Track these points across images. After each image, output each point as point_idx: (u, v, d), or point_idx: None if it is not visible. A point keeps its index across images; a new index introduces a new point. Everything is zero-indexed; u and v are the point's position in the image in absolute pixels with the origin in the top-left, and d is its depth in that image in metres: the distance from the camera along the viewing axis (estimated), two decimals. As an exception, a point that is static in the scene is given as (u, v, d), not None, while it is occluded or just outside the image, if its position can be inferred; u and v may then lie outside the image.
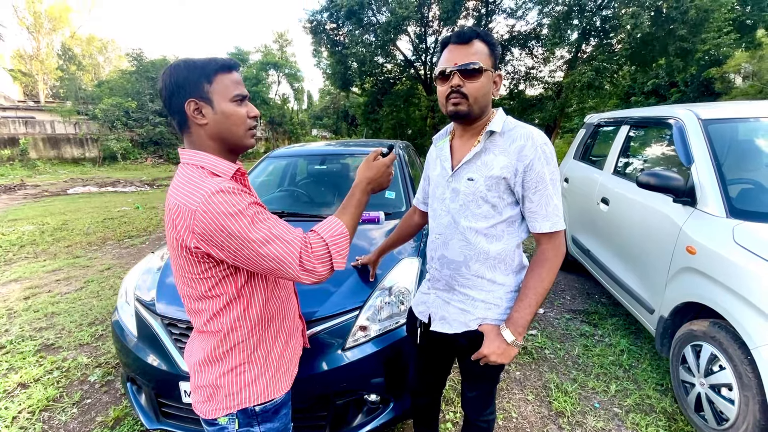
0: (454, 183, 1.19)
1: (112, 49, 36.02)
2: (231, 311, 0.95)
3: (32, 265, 4.58)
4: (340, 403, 1.62)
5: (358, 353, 1.60)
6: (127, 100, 19.71)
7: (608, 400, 2.14)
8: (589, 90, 12.88)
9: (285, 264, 0.85)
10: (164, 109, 0.93)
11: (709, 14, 11.41)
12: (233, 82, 0.93)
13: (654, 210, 2.34)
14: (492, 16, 15.99)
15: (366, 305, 1.69)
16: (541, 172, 1.07)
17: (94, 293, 3.74)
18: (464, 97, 1.08)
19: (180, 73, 0.89)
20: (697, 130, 2.20)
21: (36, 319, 3.22)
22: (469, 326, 1.20)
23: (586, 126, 4.09)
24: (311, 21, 16.49)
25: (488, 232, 1.15)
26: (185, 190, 0.85)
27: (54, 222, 6.85)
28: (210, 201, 0.81)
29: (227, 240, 0.83)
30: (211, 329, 0.96)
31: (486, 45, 1.09)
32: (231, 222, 0.82)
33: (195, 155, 0.92)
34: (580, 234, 3.56)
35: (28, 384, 2.37)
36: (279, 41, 31.15)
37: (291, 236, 0.87)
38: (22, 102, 27.54)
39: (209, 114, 0.90)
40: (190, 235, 0.83)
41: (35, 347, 2.78)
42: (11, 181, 13.36)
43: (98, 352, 2.72)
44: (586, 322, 3.00)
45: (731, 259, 1.70)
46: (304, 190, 3.22)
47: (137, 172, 17.00)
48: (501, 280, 1.18)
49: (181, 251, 0.88)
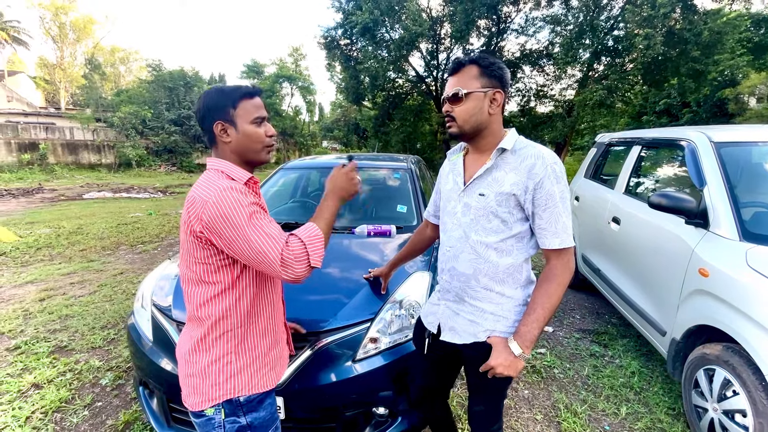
0: (466, 198, 1.24)
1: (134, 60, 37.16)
2: (224, 300, 1.04)
3: (48, 268, 4.68)
4: (349, 415, 1.63)
5: (368, 365, 1.61)
6: (144, 108, 20.23)
7: (618, 423, 2.11)
8: (601, 108, 12.89)
9: (268, 258, 0.95)
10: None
11: (723, 36, 11.43)
12: (254, 107, 1.08)
13: (666, 231, 2.34)
14: (503, 35, 16.19)
15: (377, 318, 1.71)
16: (551, 190, 1.11)
17: (107, 297, 3.81)
18: (453, 119, 1.19)
19: (211, 98, 1.06)
20: (710, 153, 2.21)
21: (50, 321, 3.28)
22: (478, 337, 1.23)
23: (597, 145, 4.11)
24: (326, 37, 16.88)
25: (498, 246, 1.19)
26: (204, 186, 1.01)
27: (69, 226, 7.00)
28: (221, 195, 0.96)
29: (225, 228, 0.95)
30: (203, 315, 1.05)
31: (478, 67, 1.16)
32: (232, 213, 0.95)
33: (218, 162, 1.09)
34: (590, 253, 3.54)
35: (41, 385, 2.42)
36: (294, 55, 31.85)
37: (278, 236, 0.98)
38: (43, 108, 28.43)
39: (233, 134, 1.06)
40: (198, 221, 0.97)
41: (49, 349, 2.83)
42: (30, 185, 13.72)
43: (110, 356, 2.76)
44: (596, 342, 2.97)
45: (744, 283, 1.69)
46: (315, 201, 3.27)
47: (151, 179, 17.33)
48: (509, 293, 1.21)
49: (189, 235, 1.01)
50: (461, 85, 1.16)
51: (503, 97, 1.18)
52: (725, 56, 12.09)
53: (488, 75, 1.16)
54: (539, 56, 16.23)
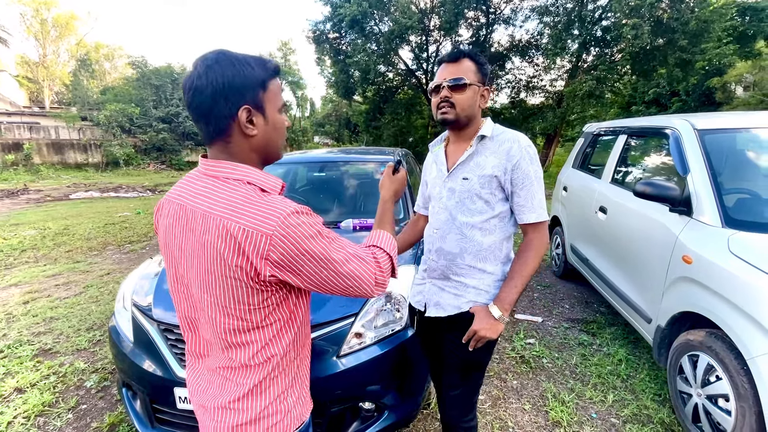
0: (451, 183, 1.33)
1: (118, 56, 36.44)
2: (283, 337, 0.85)
3: (32, 270, 4.60)
4: (335, 411, 1.62)
5: (353, 360, 1.60)
6: (131, 106, 19.89)
7: (605, 411, 2.12)
8: (590, 99, 12.94)
9: (362, 281, 0.83)
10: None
11: (709, 25, 11.50)
12: (280, 89, 0.84)
13: (650, 219, 2.35)
14: (492, 27, 16.15)
15: (362, 312, 1.69)
16: (527, 170, 1.23)
17: (93, 298, 3.75)
18: (452, 106, 1.24)
19: (231, 72, 0.75)
20: (693, 140, 2.21)
21: (34, 324, 3.22)
22: (461, 308, 1.32)
23: (585, 135, 4.12)
24: (314, 31, 16.69)
25: (482, 226, 1.28)
26: (247, 211, 0.73)
27: (55, 227, 6.88)
28: (288, 223, 0.73)
29: (308, 263, 0.76)
30: (261, 360, 0.83)
31: (474, 63, 1.25)
32: (314, 245, 0.76)
33: (237, 168, 0.79)
34: (578, 242, 3.56)
35: (24, 389, 2.37)
36: (283, 49, 31.51)
37: (364, 253, 0.86)
38: (27, 108, 27.82)
39: (260, 124, 0.80)
40: (264, 262, 0.73)
41: (33, 352, 2.78)
42: (15, 186, 13.44)
43: (95, 358, 2.72)
44: (585, 332, 2.99)
45: (727, 269, 1.70)
46: (303, 197, 3.23)
47: (140, 177, 17.09)
48: (490, 269, 1.31)
49: (239, 279, 0.75)
50: (463, 74, 1.22)
51: (489, 93, 1.30)
52: (712, 45, 12.19)
53: (481, 72, 1.26)
54: (528, 47, 16.22)
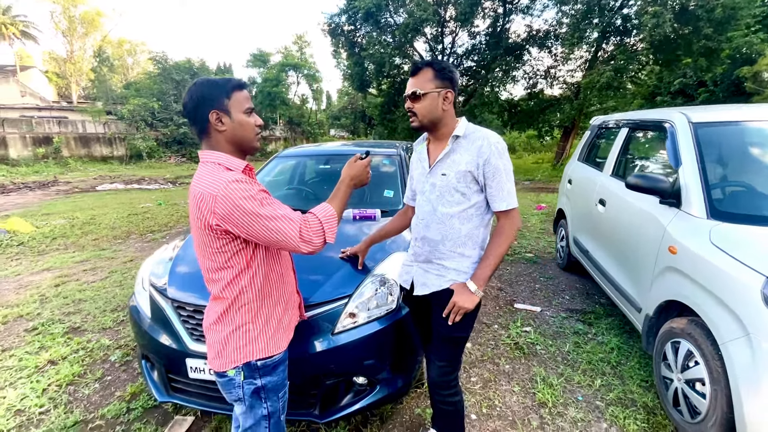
0: (432, 178, 1.49)
1: (140, 52, 37.36)
2: (241, 279, 1.17)
3: (62, 256, 4.93)
4: (330, 384, 1.77)
5: (347, 338, 1.74)
6: (153, 100, 20.46)
7: (592, 394, 2.21)
8: (608, 90, 12.64)
9: (287, 236, 1.09)
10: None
11: (737, 11, 11.04)
12: (245, 98, 1.17)
13: (643, 211, 2.40)
14: (510, 16, 15.87)
15: (355, 293, 1.83)
16: (496, 164, 1.37)
17: (117, 283, 4.02)
18: (415, 115, 1.42)
19: (204, 89, 1.12)
20: (687, 133, 2.25)
21: (65, 305, 3.50)
22: (443, 286, 1.49)
23: (591, 128, 4.12)
24: (329, 24, 16.75)
25: (460, 215, 1.44)
26: (207, 181, 1.08)
27: (83, 216, 7.28)
28: (228, 188, 1.05)
29: (242, 217, 1.05)
30: (225, 294, 1.18)
31: (433, 70, 1.37)
32: (244, 202, 1.05)
33: (212, 154, 1.15)
34: (580, 235, 3.60)
35: (56, 361, 2.62)
36: (298, 43, 31.67)
37: (292, 215, 1.12)
38: (56, 102, 28.93)
39: (227, 122, 1.14)
40: (212, 215, 1.05)
41: (63, 329, 3.04)
42: (45, 178, 14.13)
43: (119, 336, 2.95)
44: (582, 321, 3.06)
45: (706, 259, 1.76)
46: (311, 189, 3.38)
47: (161, 170, 17.65)
48: (468, 253, 1.47)
49: (204, 229, 1.09)
50: (419, 86, 1.38)
51: (453, 95, 1.41)
52: (740, 33, 11.70)
53: (441, 77, 1.38)
54: (546, 37, 15.88)
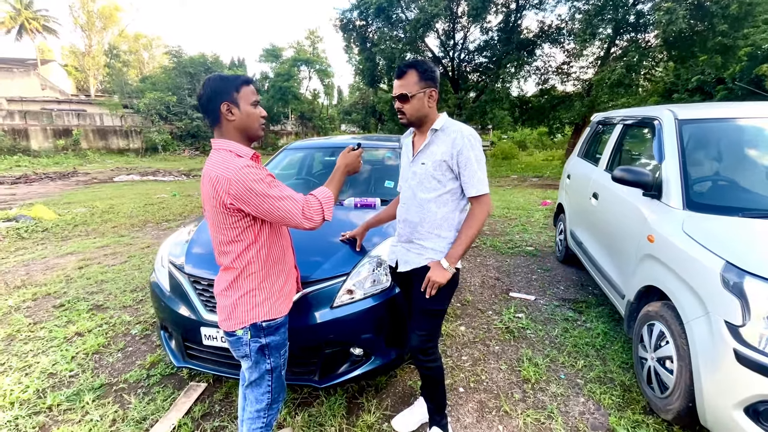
0: (414, 167, 1.66)
1: (156, 46, 38.00)
2: (249, 251, 1.36)
3: (84, 242, 5.22)
4: (329, 353, 1.96)
5: (344, 311, 1.93)
6: (168, 94, 20.90)
7: (573, 373, 2.36)
8: (619, 88, 12.55)
9: (292, 213, 1.29)
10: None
11: (754, 7, 10.87)
12: (251, 92, 1.35)
13: (628, 203, 2.52)
14: (522, 12, 15.79)
15: (353, 272, 2.01)
16: (468, 155, 1.53)
17: (135, 266, 4.28)
18: (404, 114, 1.58)
19: (217, 83, 1.31)
20: (672, 130, 2.37)
21: (88, 285, 3.76)
22: (421, 263, 1.66)
23: (591, 125, 4.22)
24: (341, 19, 16.87)
25: (436, 200, 1.61)
26: (222, 166, 1.27)
27: (102, 206, 7.62)
28: (240, 172, 1.24)
29: (253, 197, 1.24)
30: (236, 265, 1.37)
31: (417, 71, 1.52)
32: (256, 185, 1.24)
33: (224, 143, 1.33)
34: (576, 228, 3.73)
35: (82, 333, 2.87)
36: (311, 38, 31.87)
37: (297, 195, 1.32)
38: (74, 96, 29.67)
39: (236, 113, 1.32)
40: (227, 195, 1.24)
41: (88, 306, 3.29)
42: (65, 169, 14.65)
43: (138, 313, 3.20)
44: (573, 309, 3.20)
45: (677, 246, 1.89)
46: (318, 180, 3.56)
47: (176, 162, 18.08)
48: (444, 235, 1.63)
49: (219, 207, 1.28)
50: (406, 89, 1.53)
51: (437, 93, 1.58)
52: (759, 29, 11.50)
53: (425, 78, 1.53)
54: (558, 33, 15.77)
